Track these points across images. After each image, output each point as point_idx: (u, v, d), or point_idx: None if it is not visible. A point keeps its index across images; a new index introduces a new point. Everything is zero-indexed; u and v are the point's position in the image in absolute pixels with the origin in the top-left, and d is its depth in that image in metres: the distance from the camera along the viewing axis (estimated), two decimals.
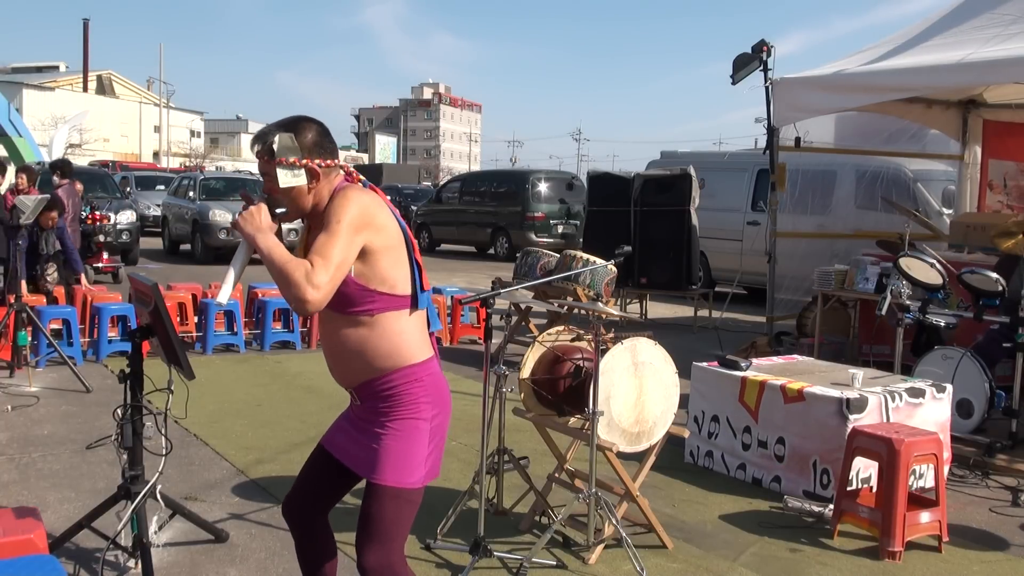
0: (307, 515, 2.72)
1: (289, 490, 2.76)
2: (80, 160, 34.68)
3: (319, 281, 2.27)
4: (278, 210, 2.44)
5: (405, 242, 2.52)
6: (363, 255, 2.39)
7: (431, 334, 2.62)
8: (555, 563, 3.89)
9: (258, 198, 2.47)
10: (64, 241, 8.60)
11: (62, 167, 11.16)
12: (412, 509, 2.51)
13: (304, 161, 2.43)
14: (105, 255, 13.25)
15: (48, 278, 8.38)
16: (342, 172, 2.56)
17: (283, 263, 2.30)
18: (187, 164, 48.25)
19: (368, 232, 2.39)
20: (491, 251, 20.65)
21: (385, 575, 2.48)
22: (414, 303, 2.51)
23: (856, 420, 4.60)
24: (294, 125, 2.47)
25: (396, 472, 2.47)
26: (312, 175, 2.45)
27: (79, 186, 11.37)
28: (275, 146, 2.42)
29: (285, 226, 2.57)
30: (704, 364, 5.42)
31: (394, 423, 2.49)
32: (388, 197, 2.56)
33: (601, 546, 3.95)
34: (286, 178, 2.42)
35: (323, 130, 2.51)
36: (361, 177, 2.61)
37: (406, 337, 2.49)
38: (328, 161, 2.48)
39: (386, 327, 2.46)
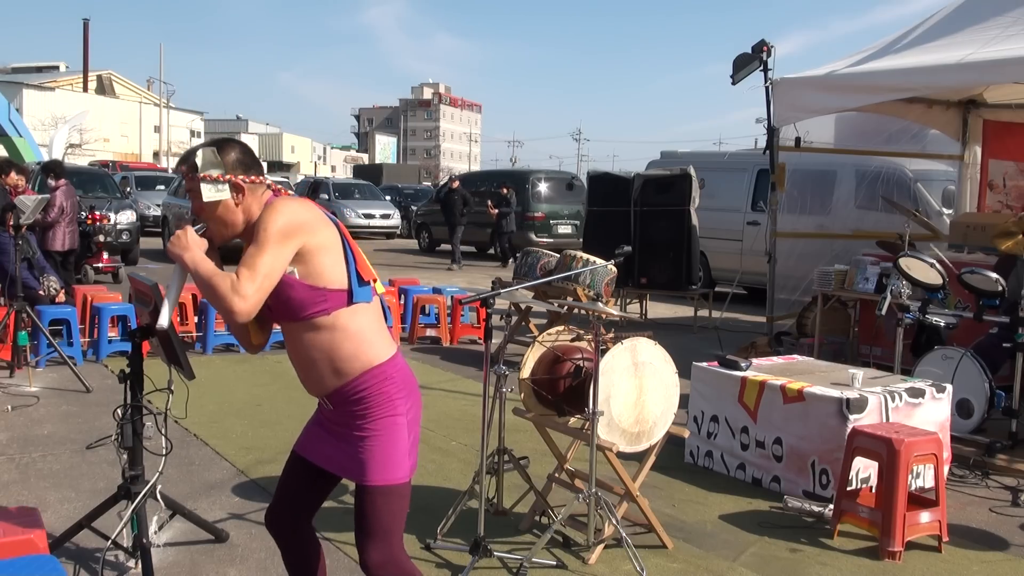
0: (293, 525, 2.75)
1: (270, 503, 2.78)
2: (80, 160, 34.70)
3: (245, 291, 2.33)
4: (196, 226, 2.51)
5: (342, 241, 2.54)
6: (301, 257, 2.42)
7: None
8: (555, 563, 3.89)
9: (187, 219, 2.49)
10: (38, 261, 7.94)
11: (55, 168, 10.92)
12: (404, 502, 2.56)
13: (228, 176, 2.49)
14: (105, 255, 13.24)
15: (51, 288, 7.97)
16: (270, 191, 2.59)
17: (209, 276, 2.37)
18: None
19: (300, 235, 2.41)
20: (491, 251, 20.65)
21: (390, 568, 2.53)
22: (350, 297, 2.50)
23: (856, 420, 4.60)
24: (217, 144, 2.55)
25: (384, 471, 2.51)
26: (237, 189, 2.50)
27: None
28: (198, 160, 2.49)
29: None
30: (704, 364, 5.42)
31: (373, 424, 2.52)
32: (326, 209, 2.60)
33: (601, 546, 3.95)
34: (209, 192, 2.48)
35: (246, 150, 2.58)
36: (290, 192, 2.65)
37: (367, 335, 2.51)
38: (252, 177, 2.53)
39: (345, 326, 2.48)
